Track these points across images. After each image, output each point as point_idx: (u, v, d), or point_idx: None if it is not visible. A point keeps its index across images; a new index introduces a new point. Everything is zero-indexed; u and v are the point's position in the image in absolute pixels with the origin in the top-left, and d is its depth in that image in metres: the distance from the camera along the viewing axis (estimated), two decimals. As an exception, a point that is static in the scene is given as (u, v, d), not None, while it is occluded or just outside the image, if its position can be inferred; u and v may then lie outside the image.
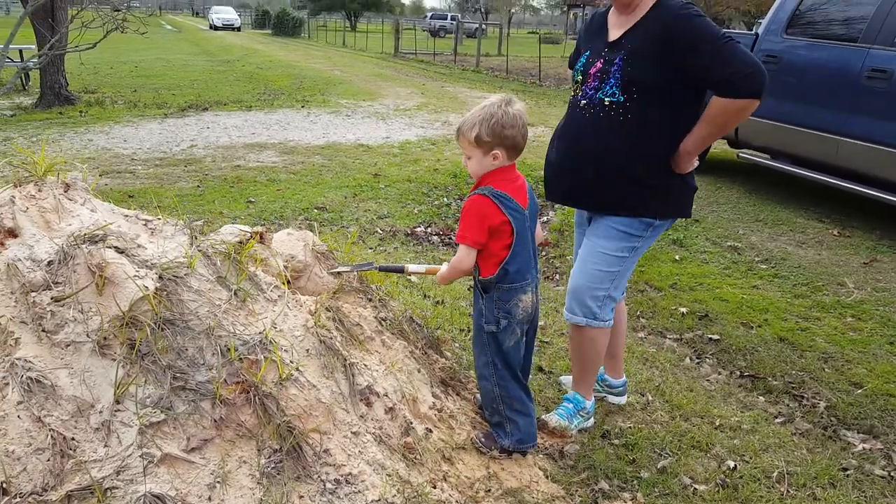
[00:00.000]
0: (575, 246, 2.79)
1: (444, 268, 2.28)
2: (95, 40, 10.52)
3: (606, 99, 2.35)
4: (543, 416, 2.68)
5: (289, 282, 2.22)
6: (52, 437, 1.49)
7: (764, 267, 4.68)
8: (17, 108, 10.37)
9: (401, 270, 2.48)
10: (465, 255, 2.17)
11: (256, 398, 1.70)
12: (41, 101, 10.61)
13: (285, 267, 2.23)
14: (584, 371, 2.71)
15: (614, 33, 2.42)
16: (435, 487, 1.93)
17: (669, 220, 2.52)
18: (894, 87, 4.92)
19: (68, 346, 1.61)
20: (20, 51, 12.42)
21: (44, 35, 10.26)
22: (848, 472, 2.57)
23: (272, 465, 1.65)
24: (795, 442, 2.77)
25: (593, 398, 2.77)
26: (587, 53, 2.49)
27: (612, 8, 2.49)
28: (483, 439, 2.35)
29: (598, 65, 2.40)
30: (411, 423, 2.06)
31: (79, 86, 12.36)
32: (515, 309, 2.25)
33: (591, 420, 2.74)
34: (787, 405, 3.07)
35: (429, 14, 56.72)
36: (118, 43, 20.47)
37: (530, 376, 3.05)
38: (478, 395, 2.55)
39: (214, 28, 47.78)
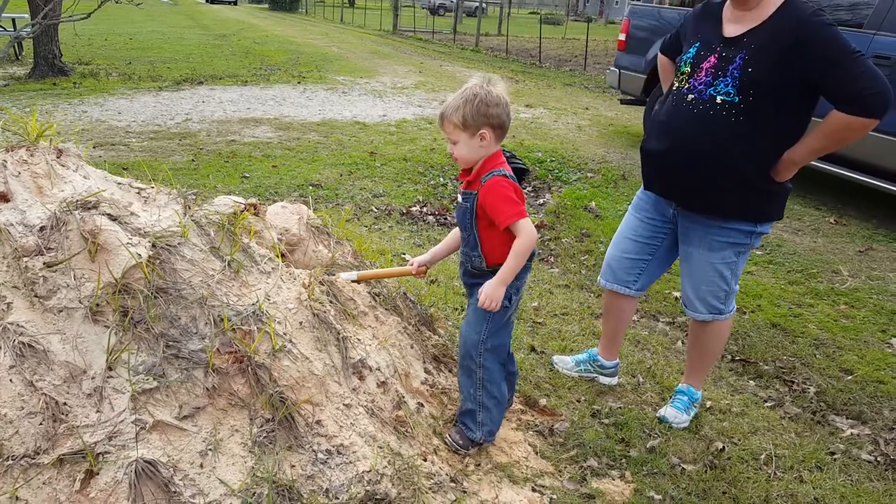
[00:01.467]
0: (624, 227, 2.74)
1: (511, 262, 2.10)
2: (90, 10, 10.40)
3: (719, 97, 2.27)
4: (659, 413, 2.72)
5: (283, 255, 2.21)
6: (44, 401, 1.49)
7: (759, 253, 4.69)
8: (10, 79, 10.25)
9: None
10: (528, 227, 2.09)
11: (249, 368, 1.70)
12: (35, 72, 10.49)
13: (279, 239, 2.22)
14: (704, 364, 2.75)
15: (733, 29, 2.31)
16: (426, 460, 1.94)
17: (769, 223, 2.47)
18: (896, 75, 4.91)
19: (61, 311, 1.60)
20: (13, 20, 12.26)
21: (37, 4, 10.11)
22: (835, 456, 2.60)
23: (264, 435, 1.65)
24: (784, 426, 2.79)
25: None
26: (697, 45, 2.39)
27: (728, 1, 2.37)
28: (459, 441, 2.25)
29: (713, 60, 2.31)
30: (403, 397, 2.07)
31: (73, 57, 12.22)
32: (522, 286, 2.27)
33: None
34: (778, 390, 3.09)
35: (429, -8, 56.07)
36: (113, 14, 20.25)
37: (523, 355, 3.08)
38: None
39: (211, 1, 47.20)
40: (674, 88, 2.46)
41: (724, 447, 2.58)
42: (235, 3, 48.27)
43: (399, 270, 2.40)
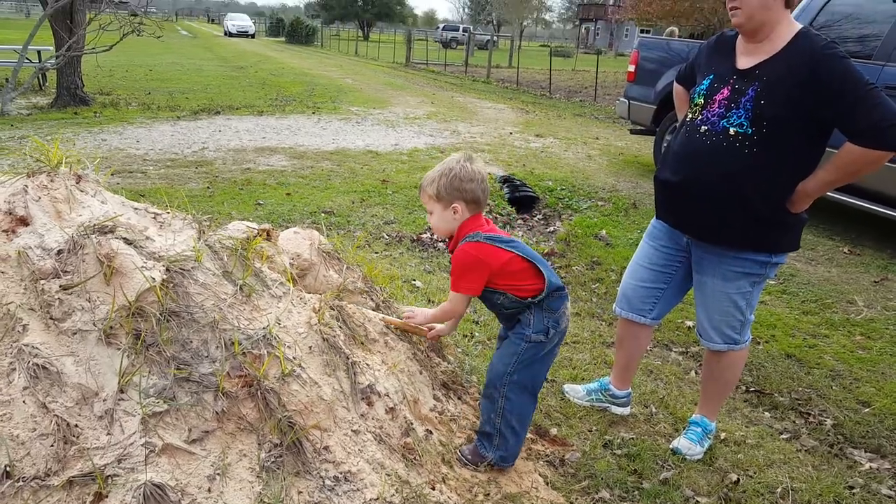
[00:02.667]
0: (639, 255, 2.74)
1: (433, 310, 2.32)
2: (112, 43, 10.64)
3: (732, 128, 2.27)
4: (673, 444, 2.69)
5: (294, 279, 2.23)
6: (56, 422, 1.50)
7: (773, 283, 4.65)
8: (33, 108, 10.47)
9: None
10: (459, 302, 2.23)
11: (259, 392, 1.70)
12: (57, 102, 10.72)
13: (291, 264, 2.24)
14: (719, 394, 2.72)
15: (745, 61, 2.32)
16: (434, 489, 1.92)
17: (785, 254, 2.45)
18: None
19: (75, 333, 1.62)
20: (38, 52, 12.57)
21: (62, 37, 10.39)
22: (854, 491, 2.54)
23: (272, 460, 1.65)
24: (801, 458, 2.74)
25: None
26: (711, 77, 2.40)
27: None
28: (469, 455, 2.27)
29: (725, 92, 2.31)
30: (412, 423, 2.06)
31: (94, 87, 12.48)
32: (563, 318, 2.25)
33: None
34: (794, 421, 3.04)
35: (441, 25, 57.05)
36: (134, 47, 20.71)
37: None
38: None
39: (229, 35, 48.18)
40: (687, 119, 2.47)
41: (738, 479, 2.54)
42: (253, 36, 49.22)
43: (416, 329, 2.43)
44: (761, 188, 2.27)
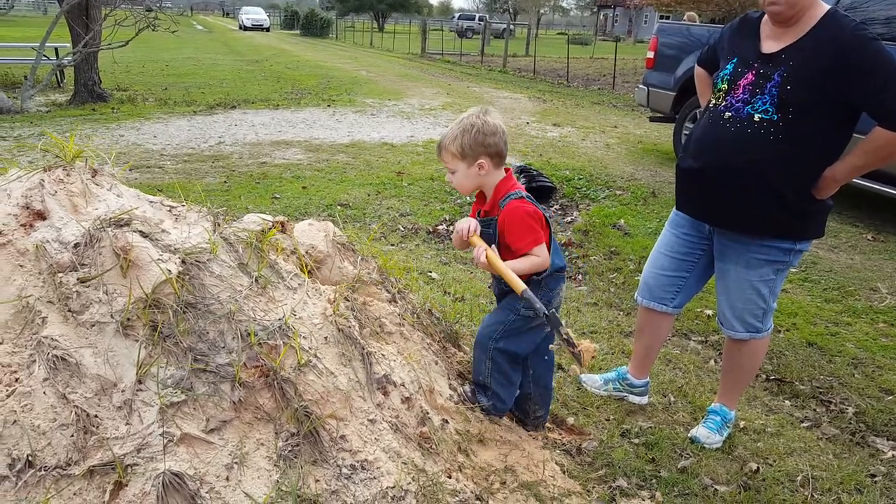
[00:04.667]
0: (661, 244, 2.72)
1: (519, 262, 2.14)
2: (128, 38, 10.72)
3: (757, 115, 2.23)
4: (691, 433, 2.68)
5: (309, 271, 2.23)
6: (76, 413, 1.51)
7: (794, 271, 4.59)
8: (51, 105, 10.60)
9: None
10: (542, 253, 2.17)
11: (275, 382, 1.71)
12: (75, 98, 10.84)
13: (306, 254, 2.24)
14: (739, 383, 2.71)
15: (771, 45, 2.27)
16: (450, 477, 1.93)
17: (809, 241, 2.43)
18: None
19: (93, 326, 1.64)
20: (55, 49, 12.70)
21: (78, 33, 10.50)
22: (876, 479, 2.51)
23: (289, 449, 1.66)
24: (822, 447, 2.71)
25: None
26: (734, 61, 2.35)
27: (766, 17, 2.33)
28: (470, 394, 2.38)
29: (750, 76, 2.27)
30: (428, 413, 2.06)
31: (111, 83, 12.60)
32: (556, 298, 2.29)
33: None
34: (814, 410, 3.01)
35: (456, 15, 56.76)
36: (149, 42, 20.86)
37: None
38: None
39: (244, 28, 48.38)
40: (711, 105, 2.42)
41: (758, 468, 2.52)
42: (268, 30, 49.37)
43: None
44: (787, 175, 2.24)
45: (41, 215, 1.83)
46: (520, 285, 2.08)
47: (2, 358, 1.56)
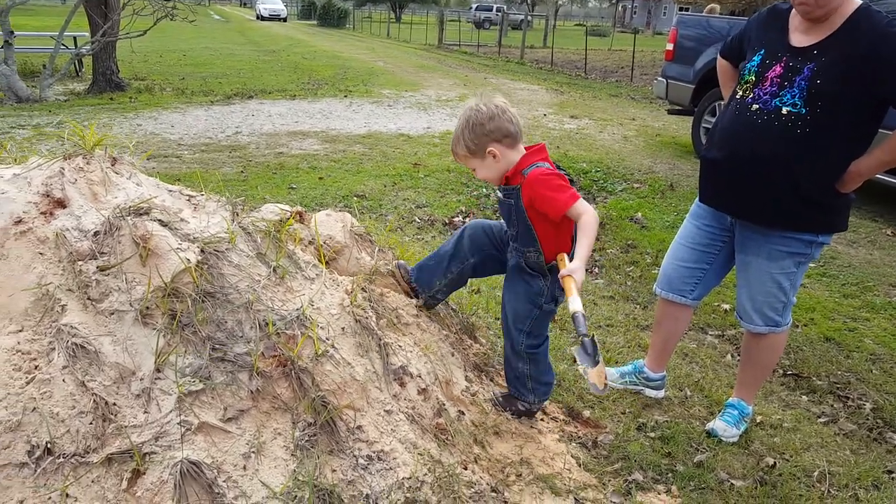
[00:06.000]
0: (681, 235, 2.69)
1: (586, 241, 1.99)
2: (146, 28, 10.77)
3: (785, 108, 2.21)
4: (708, 426, 2.67)
5: (327, 261, 2.24)
6: (94, 401, 1.53)
7: (812, 265, 4.53)
8: (70, 94, 10.69)
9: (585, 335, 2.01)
10: (585, 206, 2.02)
11: (293, 372, 1.72)
12: (93, 87, 10.93)
13: (324, 244, 2.25)
14: (757, 377, 2.69)
15: (801, 38, 2.25)
16: (466, 469, 1.93)
17: (831, 234, 2.41)
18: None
19: (112, 314, 1.65)
20: (74, 38, 12.81)
21: (97, 22, 10.56)
22: (893, 475, 2.49)
23: (306, 438, 1.66)
24: (839, 442, 2.68)
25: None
26: (762, 52, 2.33)
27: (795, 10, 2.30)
28: (501, 399, 2.41)
29: (778, 69, 2.25)
30: (444, 404, 2.06)
31: (129, 73, 12.68)
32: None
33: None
34: (832, 405, 2.98)
35: (474, 5, 56.42)
36: (167, 31, 20.96)
37: (566, 366, 3.04)
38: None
39: (261, 18, 48.40)
40: (737, 97, 2.39)
41: (775, 463, 2.50)
42: (285, 20, 49.38)
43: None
44: (812, 169, 2.22)
45: (61, 203, 1.84)
46: (576, 307, 1.93)
47: (22, 345, 1.57)
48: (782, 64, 2.25)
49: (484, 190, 6.04)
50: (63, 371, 1.55)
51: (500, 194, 2.22)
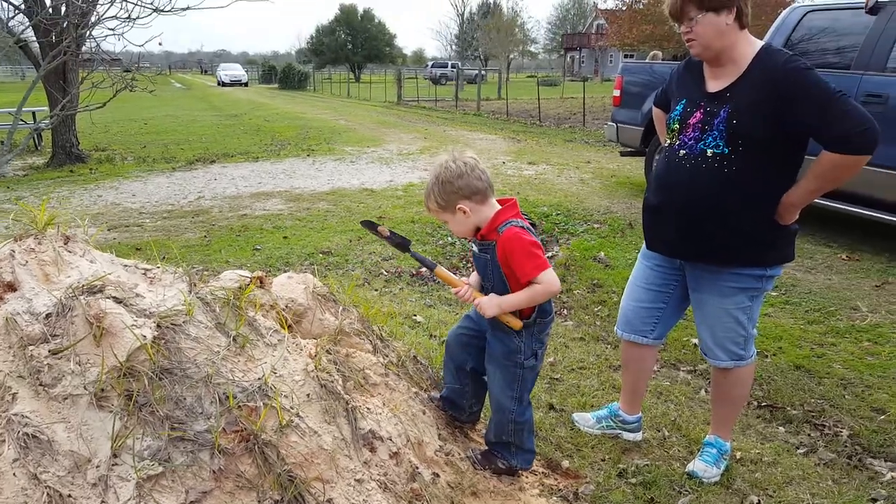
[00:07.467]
0: (635, 275, 2.73)
1: (521, 296, 2.14)
2: (105, 100, 10.74)
3: (709, 150, 2.29)
4: (688, 468, 2.63)
5: (290, 325, 2.20)
6: (48, 494, 1.45)
7: (774, 294, 4.61)
8: (29, 168, 10.56)
9: (431, 267, 2.37)
10: (550, 277, 2.12)
11: (256, 447, 1.66)
12: (53, 161, 10.81)
13: (286, 308, 2.21)
14: (731, 412, 2.69)
15: (714, 84, 2.35)
16: (444, 533, 1.87)
17: (779, 267, 2.45)
18: (891, 112, 4.90)
19: (66, 399, 1.59)
20: (33, 113, 12.70)
21: (55, 96, 10.50)
22: (878, 503, 2.48)
23: (274, 516, 1.60)
24: (820, 473, 2.68)
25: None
26: (683, 101, 2.43)
27: None
28: (480, 457, 2.39)
29: (698, 115, 2.34)
30: (417, 467, 2.01)
31: (90, 144, 12.59)
32: (546, 338, 2.32)
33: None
34: (809, 435, 2.98)
35: (430, 63, 57.81)
36: (128, 102, 20.96)
37: (542, 414, 3.01)
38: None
39: (222, 84, 48.79)
40: (666, 145, 2.50)
41: (759, 501, 2.48)
42: (246, 85, 49.83)
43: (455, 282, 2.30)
44: (746, 204, 2.29)
45: (11, 287, 1.79)
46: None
47: (-30, 439, 1.50)
48: (701, 110, 2.34)
49: (449, 239, 6.06)
50: (14, 465, 1.48)
51: (475, 248, 2.25)
